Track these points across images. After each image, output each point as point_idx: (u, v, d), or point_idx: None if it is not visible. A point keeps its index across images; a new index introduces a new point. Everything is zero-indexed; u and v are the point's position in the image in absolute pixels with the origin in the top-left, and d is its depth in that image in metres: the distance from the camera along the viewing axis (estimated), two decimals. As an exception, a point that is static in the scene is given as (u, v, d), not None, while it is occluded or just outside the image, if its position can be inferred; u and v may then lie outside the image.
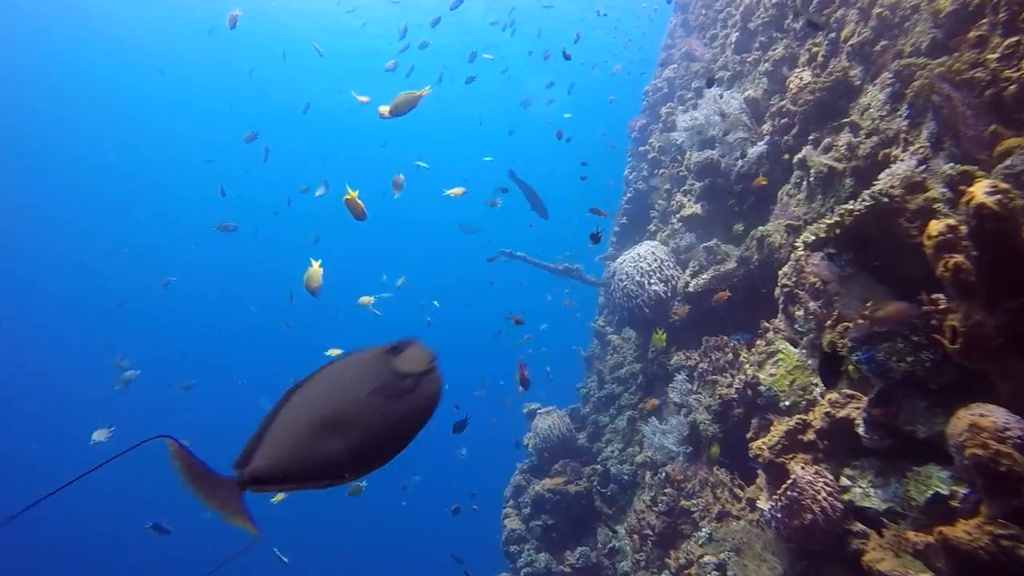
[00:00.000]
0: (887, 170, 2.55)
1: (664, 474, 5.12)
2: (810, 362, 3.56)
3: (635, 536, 5.13)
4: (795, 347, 3.78)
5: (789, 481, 2.73)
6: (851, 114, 3.84)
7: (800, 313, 3.56)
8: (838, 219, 2.44)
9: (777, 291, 4.03)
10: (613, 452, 6.59)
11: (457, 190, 6.02)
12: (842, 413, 2.79)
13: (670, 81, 9.63)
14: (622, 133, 11.67)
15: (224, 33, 9.57)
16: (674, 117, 8.33)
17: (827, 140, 3.99)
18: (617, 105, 12.29)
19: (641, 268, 6.09)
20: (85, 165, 31.70)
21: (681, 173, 7.46)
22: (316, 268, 3.99)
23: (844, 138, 3.78)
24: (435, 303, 12.44)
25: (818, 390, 3.21)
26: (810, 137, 4.25)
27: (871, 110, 3.51)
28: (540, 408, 7.71)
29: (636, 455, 6.21)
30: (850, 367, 3.02)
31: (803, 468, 2.75)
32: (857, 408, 2.74)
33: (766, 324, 4.17)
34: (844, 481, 2.67)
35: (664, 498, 4.93)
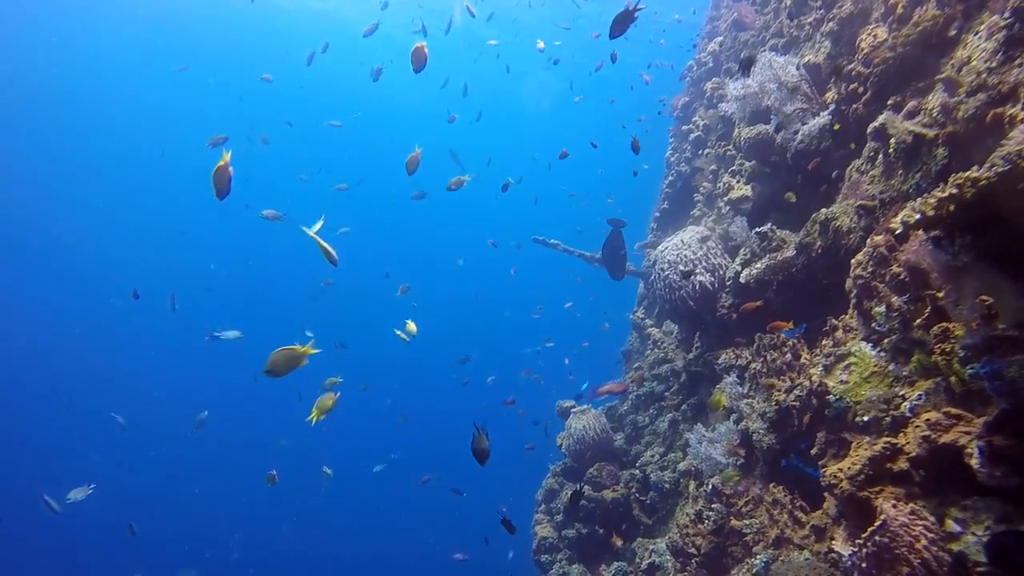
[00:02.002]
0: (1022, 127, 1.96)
1: (711, 486, 4.58)
2: (892, 368, 2.97)
3: (678, 556, 4.60)
4: (872, 349, 3.18)
5: (877, 523, 2.18)
6: (943, 71, 3.20)
7: (880, 310, 2.97)
8: (954, 192, 1.87)
9: (849, 283, 3.44)
10: (653, 457, 6.05)
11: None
12: (946, 438, 2.22)
13: (715, 55, 8.91)
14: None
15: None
16: (721, 91, 7.68)
17: (911, 104, 3.35)
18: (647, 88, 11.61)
19: (685, 257, 5.51)
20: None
21: (729, 152, 6.82)
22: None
23: (935, 99, 3.15)
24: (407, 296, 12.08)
25: (907, 405, 2.63)
26: (888, 102, 3.61)
27: (974, 63, 2.87)
28: (574, 406, 7.21)
29: (679, 462, 5.67)
30: (952, 379, 2.44)
31: (895, 507, 2.20)
32: (967, 433, 2.17)
33: (834, 321, 3.58)
34: (951, 526, 2.11)
35: (711, 515, 4.39)
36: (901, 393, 2.77)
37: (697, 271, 5.43)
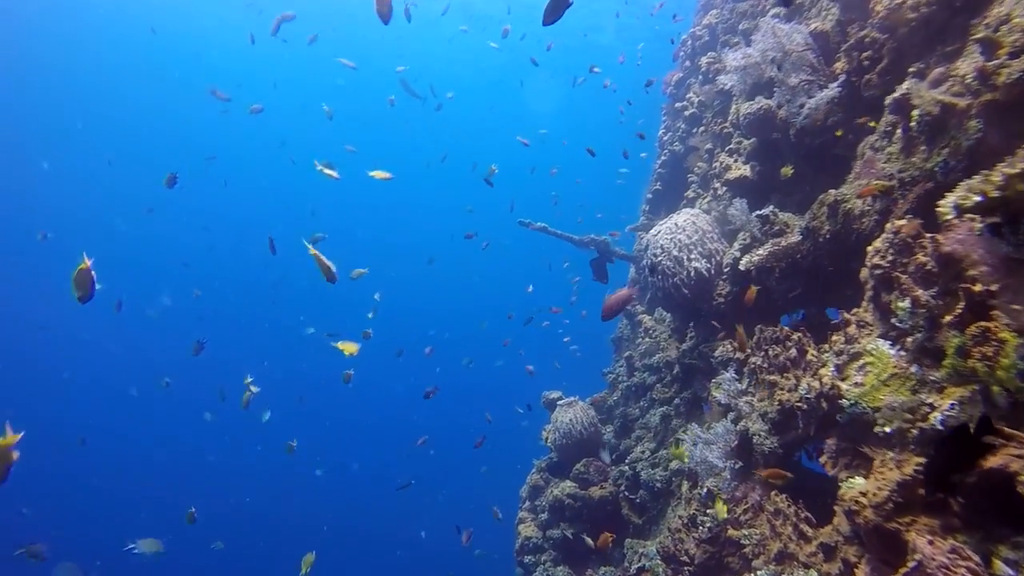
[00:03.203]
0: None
1: (706, 490, 4.25)
2: (914, 370, 2.61)
3: (669, 563, 4.29)
4: (891, 348, 2.83)
5: (911, 564, 1.84)
6: (976, 32, 2.81)
7: (904, 305, 2.61)
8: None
9: (864, 273, 3.08)
10: (644, 453, 5.72)
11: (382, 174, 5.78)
12: (993, 462, 1.87)
13: (711, 28, 8.45)
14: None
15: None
16: (718, 65, 7.26)
17: (936, 71, 2.97)
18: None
19: (679, 241, 5.14)
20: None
21: (726, 130, 6.41)
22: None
23: (968, 65, 2.76)
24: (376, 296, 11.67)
25: (937, 416, 2.28)
26: (909, 70, 3.22)
27: (1016, 19, 2.49)
28: (561, 398, 6.86)
29: (671, 459, 5.34)
30: (994, 388, 2.08)
31: (932, 544, 1.86)
32: (1019, 456, 1.82)
33: (846, 315, 3.22)
34: (1001, 568, 1.77)
35: (707, 521, 4.06)
36: (928, 401, 2.41)
37: (692, 256, 5.06)
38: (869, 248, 2.98)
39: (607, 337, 8.45)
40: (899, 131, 3.29)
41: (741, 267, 4.37)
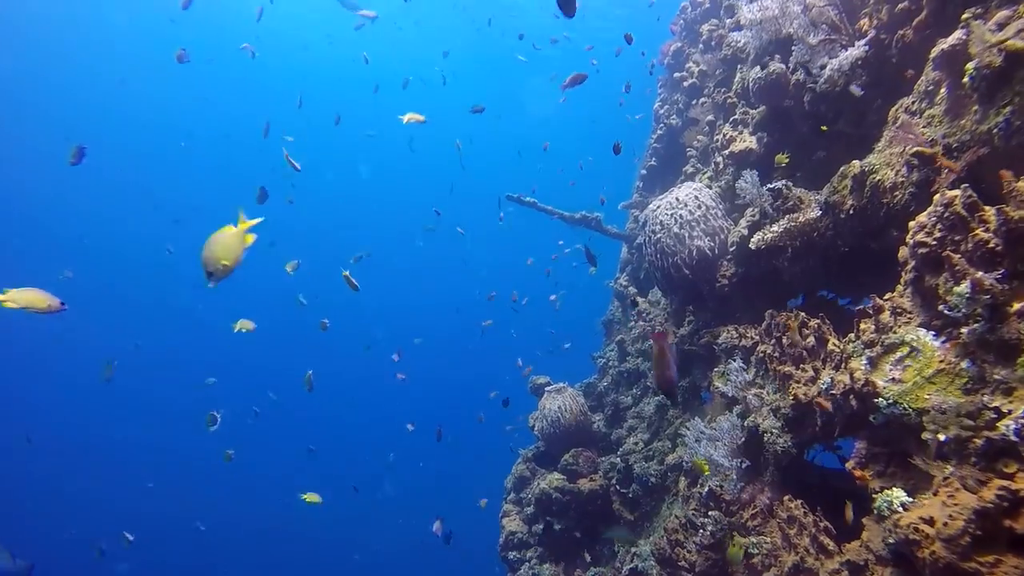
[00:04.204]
0: None
1: (708, 489, 3.87)
2: (967, 366, 2.23)
3: (665, 567, 3.93)
4: (935, 339, 2.44)
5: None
6: (1049, -31, 2.38)
7: (962, 289, 2.21)
8: None
9: (903, 252, 2.67)
10: (637, 445, 5.36)
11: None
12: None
13: (713, -7, 7.97)
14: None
15: None
16: (720, 32, 6.80)
17: (1001, 14, 2.54)
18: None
19: (681, 217, 4.71)
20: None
21: (730, 100, 5.96)
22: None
23: (1040, 6, 2.34)
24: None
25: (1011, 425, 1.89)
26: (964, 17, 2.78)
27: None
28: (548, 384, 6.47)
29: (666, 452, 4.97)
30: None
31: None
32: None
33: (877, 300, 2.81)
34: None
35: (708, 524, 3.69)
36: (993, 404, 2.02)
37: (695, 234, 4.65)
38: (911, 223, 2.57)
39: (597, 320, 8.05)
40: (943, 90, 2.87)
41: (752, 246, 3.96)
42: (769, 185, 4.09)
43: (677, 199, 4.85)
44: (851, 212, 3.44)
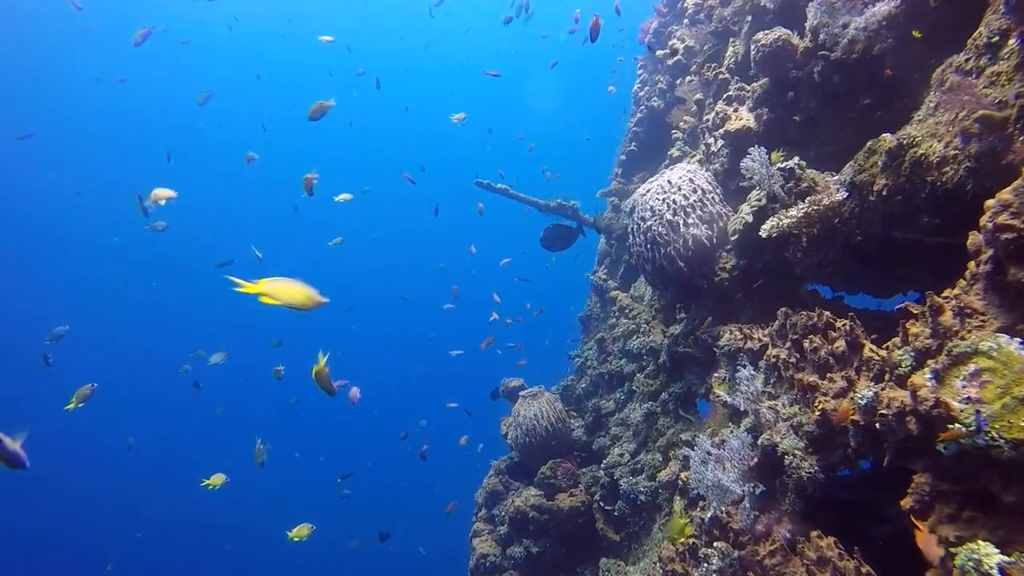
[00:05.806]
0: None
1: (712, 514, 3.34)
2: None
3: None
4: (1022, 348, 1.92)
5: None
6: None
7: (1078, 286, 1.68)
8: None
9: (972, 239, 2.15)
10: (623, 456, 4.81)
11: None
12: None
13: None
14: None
15: None
16: (710, 2, 6.25)
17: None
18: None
19: (674, 202, 4.16)
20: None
21: (721, 75, 5.43)
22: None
23: None
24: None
25: None
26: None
27: None
28: (523, 388, 5.90)
29: (658, 467, 4.44)
30: None
31: None
32: None
33: (935, 299, 2.29)
34: None
35: (715, 558, 3.16)
36: None
37: (690, 221, 4.11)
38: (989, 202, 2.05)
39: (575, 314, 7.51)
40: (1013, 41, 2.35)
41: (763, 234, 3.42)
42: (780, 165, 3.56)
43: (669, 182, 4.30)
44: (883, 194, 2.93)
